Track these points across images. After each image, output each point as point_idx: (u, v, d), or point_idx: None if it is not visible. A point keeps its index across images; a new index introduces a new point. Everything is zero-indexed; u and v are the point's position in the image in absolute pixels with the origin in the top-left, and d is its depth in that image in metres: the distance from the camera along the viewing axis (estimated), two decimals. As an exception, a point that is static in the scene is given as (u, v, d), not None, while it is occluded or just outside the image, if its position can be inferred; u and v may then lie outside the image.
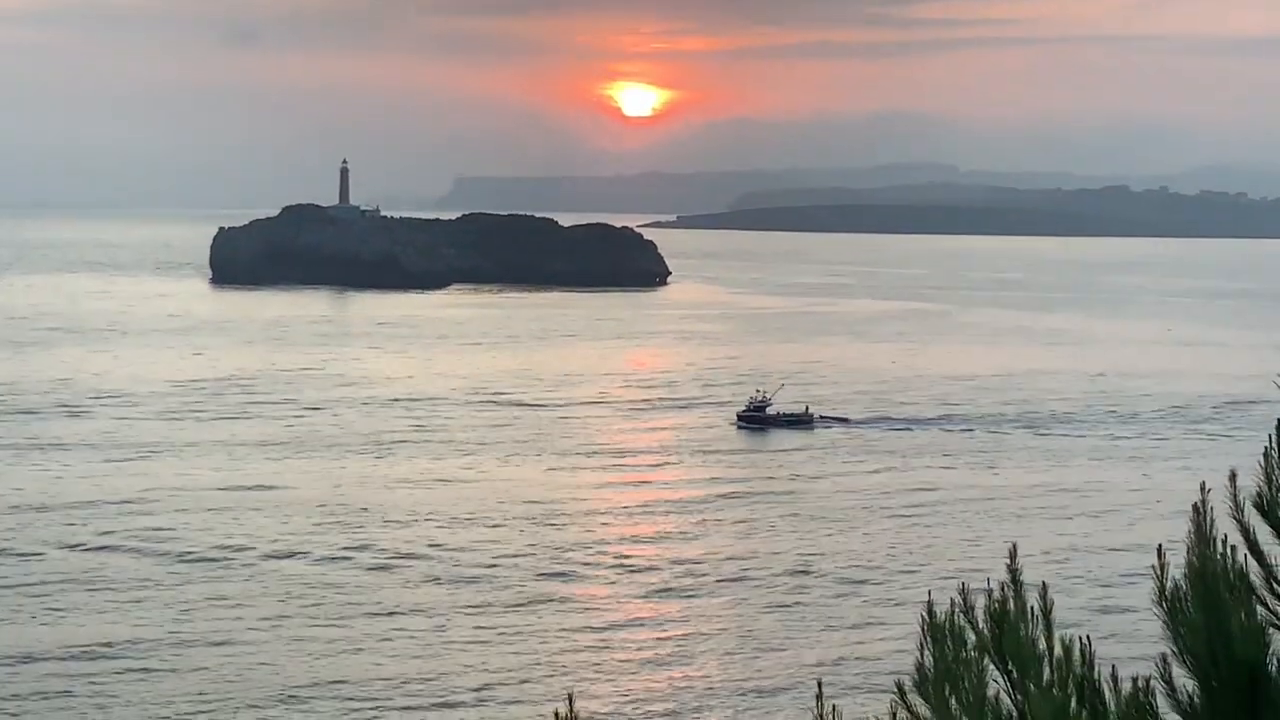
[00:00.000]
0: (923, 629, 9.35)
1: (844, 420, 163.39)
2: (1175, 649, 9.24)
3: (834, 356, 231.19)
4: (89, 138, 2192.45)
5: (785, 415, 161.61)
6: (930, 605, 9.39)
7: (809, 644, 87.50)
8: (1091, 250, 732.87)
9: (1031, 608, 9.25)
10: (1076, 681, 9.17)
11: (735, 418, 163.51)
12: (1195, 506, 9.26)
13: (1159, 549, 9.11)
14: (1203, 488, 9.34)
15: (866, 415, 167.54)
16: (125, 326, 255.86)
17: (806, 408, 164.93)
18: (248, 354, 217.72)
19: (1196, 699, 9.11)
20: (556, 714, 8.01)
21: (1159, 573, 9.14)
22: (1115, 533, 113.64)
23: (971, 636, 9.33)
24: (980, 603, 9.40)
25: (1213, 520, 9.26)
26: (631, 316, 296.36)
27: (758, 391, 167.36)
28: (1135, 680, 9.16)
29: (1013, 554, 9.49)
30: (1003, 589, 9.35)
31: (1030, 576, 9.41)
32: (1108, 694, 9.26)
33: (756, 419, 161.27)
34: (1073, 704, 9.08)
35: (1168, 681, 9.24)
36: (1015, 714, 9.15)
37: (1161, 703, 9.30)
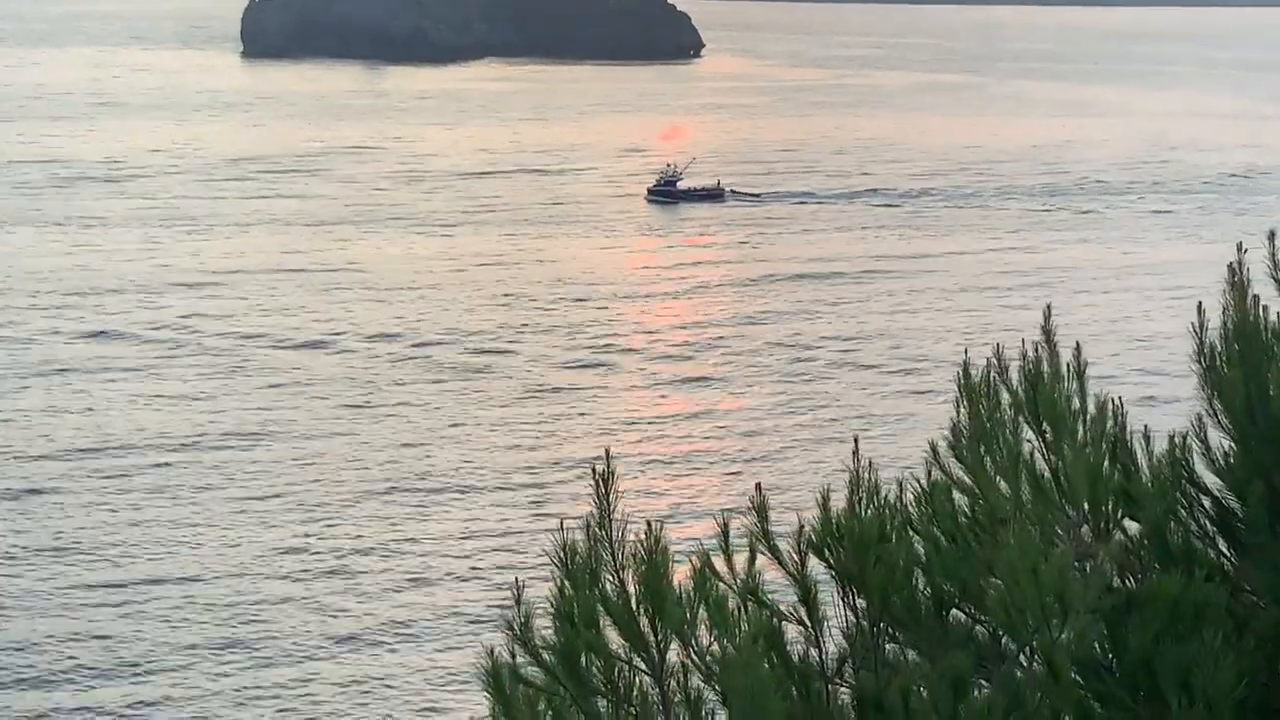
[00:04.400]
0: (958, 389, 9.35)
1: (755, 195, 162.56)
2: (1211, 408, 9.25)
3: (862, 129, 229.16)
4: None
5: (696, 190, 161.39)
6: (965, 366, 9.37)
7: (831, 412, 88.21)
8: (1130, 21, 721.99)
9: (1066, 367, 9.25)
10: (1109, 440, 9.20)
11: (646, 192, 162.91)
12: (1230, 266, 9.21)
13: (1198, 305, 9.08)
14: (1239, 248, 9.29)
15: (779, 190, 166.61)
16: (163, 100, 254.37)
17: (718, 182, 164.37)
18: (290, 129, 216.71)
19: (1232, 457, 9.14)
20: (594, 470, 8.08)
21: (1197, 329, 9.12)
22: (1148, 302, 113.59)
23: (1006, 396, 9.34)
24: (1015, 364, 9.39)
25: (1249, 279, 9.22)
26: (664, 90, 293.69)
27: (668, 166, 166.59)
28: (1172, 437, 9.18)
29: (1047, 314, 9.45)
30: (1036, 349, 9.33)
31: (1063, 339, 9.39)
32: (1140, 454, 9.29)
33: (667, 193, 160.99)
34: (1105, 463, 9.10)
35: (1203, 440, 9.26)
36: (1048, 473, 9.18)
37: (1197, 462, 9.33)
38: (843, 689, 8.59)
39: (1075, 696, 8.14)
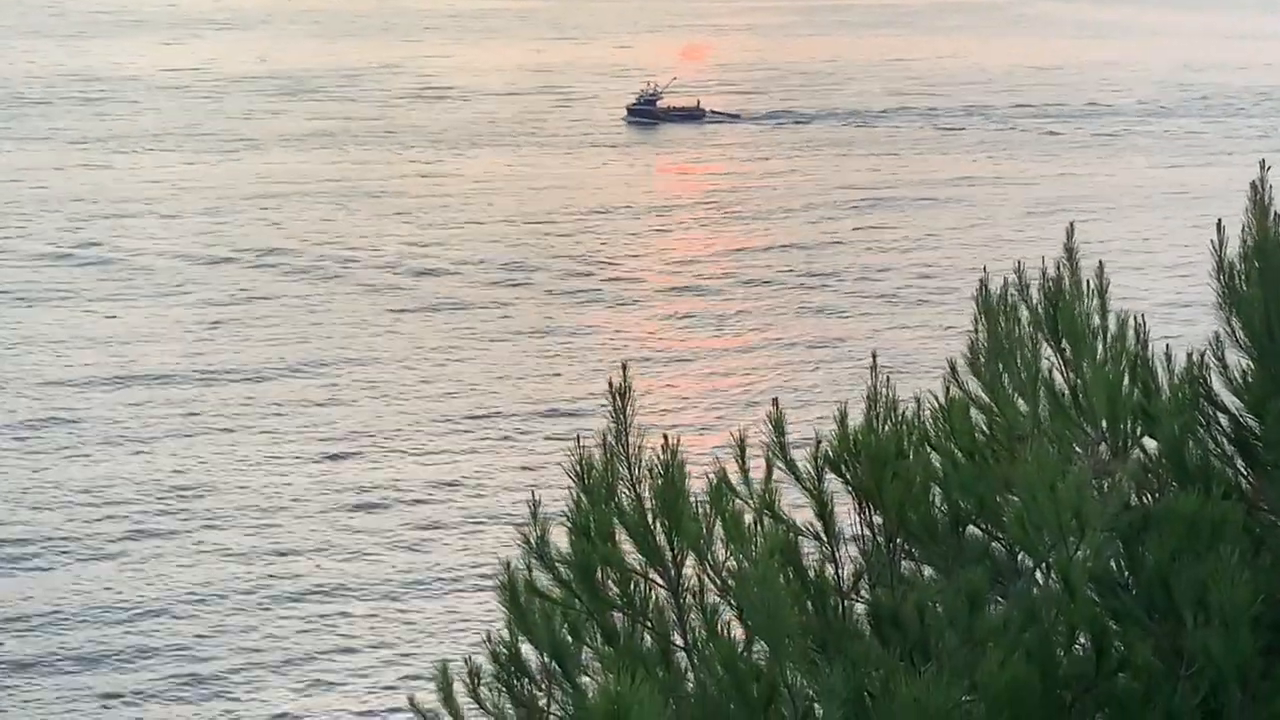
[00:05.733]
0: (977, 306, 9.32)
1: (735, 116, 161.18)
2: (1229, 327, 9.21)
3: (881, 49, 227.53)
4: None
5: (676, 109, 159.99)
6: (984, 282, 9.34)
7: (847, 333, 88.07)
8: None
9: (1086, 285, 9.21)
10: (1129, 359, 9.17)
11: (626, 111, 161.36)
12: (1253, 184, 9.15)
13: (1218, 223, 9.02)
14: (1262, 165, 9.22)
15: (762, 110, 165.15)
16: (179, 17, 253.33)
17: (698, 102, 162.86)
18: (305, 47, 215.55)
19: (1250, 376, 9.11)
20: (610, 383, 8.08)
21: (1217, 247, 9.07)
22: (1172, 224, 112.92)
23: (1025, 313, 9.31)
24: (1035, 280, 9.35)
25: (1271, 198, 9.16)
26: (681, 9, 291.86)
27: (647, 84, 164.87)
28: (1190, 355, 9.15)
29: (1069, 231, 9.41)
30: (1057, 266, 9.30)
31: (1086, 260, 9.34)
32: (1160, 372, 9.26)
33: (646, 113, 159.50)
34: (1125, 381, 9.08)
35: (1221, 359, 9.23)
36: (1067, 390, 9.16)
37: (1215, 381, 9.30)
38: (858, 604, 8.62)
39: (1091, 613, 8.15)
